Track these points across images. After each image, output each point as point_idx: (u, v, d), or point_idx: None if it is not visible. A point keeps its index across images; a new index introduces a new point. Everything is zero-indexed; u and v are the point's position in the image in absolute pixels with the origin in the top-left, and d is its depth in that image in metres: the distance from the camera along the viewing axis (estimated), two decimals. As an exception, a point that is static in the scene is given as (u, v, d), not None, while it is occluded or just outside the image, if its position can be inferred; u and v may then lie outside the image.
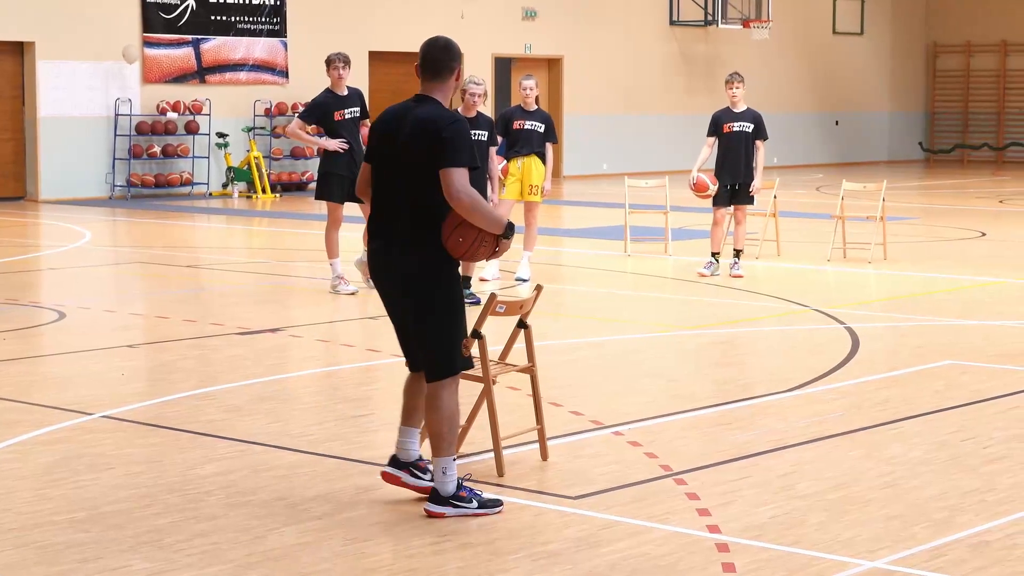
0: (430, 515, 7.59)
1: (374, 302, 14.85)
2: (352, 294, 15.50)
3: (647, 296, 16.30)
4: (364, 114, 16.02)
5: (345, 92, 15.94)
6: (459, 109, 14.16)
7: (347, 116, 15.72)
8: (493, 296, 8.59)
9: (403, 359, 8.18)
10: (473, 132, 13.95)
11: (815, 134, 41.69)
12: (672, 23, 37.65)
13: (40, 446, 9.24)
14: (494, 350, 8.69)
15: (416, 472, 7.99)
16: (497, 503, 7.70)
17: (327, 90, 16.00)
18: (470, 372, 8.53)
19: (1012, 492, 8.22)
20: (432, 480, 7.76)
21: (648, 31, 37.20)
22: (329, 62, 15.95)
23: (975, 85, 44.20)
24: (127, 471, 8.68)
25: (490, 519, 7.62)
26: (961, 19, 43.92)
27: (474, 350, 8.44)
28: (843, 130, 42.45)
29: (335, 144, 15.55)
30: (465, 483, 7.75)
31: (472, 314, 8.37)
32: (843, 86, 42.46)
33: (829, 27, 41.88)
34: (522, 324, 8.81)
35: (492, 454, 8.46)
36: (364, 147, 16.02)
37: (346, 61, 15.95)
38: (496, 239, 7.69)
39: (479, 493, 7.72)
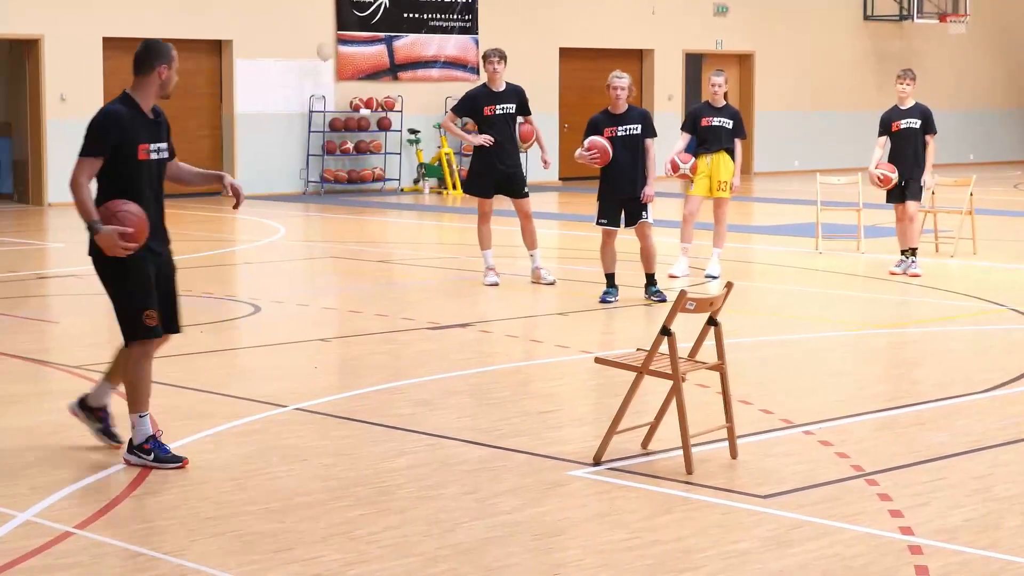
0: (126, 462, 8.49)
1: (567, 297, 14.98)
2: (493, 285, 15.72)
3: (838, 294, 16.15)
4: (523, 111, 16.11)
5: (501, 88, 16.01)
6: (607, 108, 14.59)
7: (498, 112, 15.78)
8: (683, 293, 8.58)
9: (591, 355, 8.19)
10: (624, 127, 14.21)
11: (1014, 130, 40.97)
12: (866, 18, 37.26)
13: (235, 437, 9.40)
14: (684, 347, 8.67)
15: (92, 416, 8.95)
16: (176, 459, 8.49)
17: (483, 84, 16.18)
18: (659, 369, 8.53)
19: None
20: (103, 427, 8.87)
21: (841, 26, 36.84)
22: (485, 57, 16.11)
23: None
24: (319, 463, 8.79)
25: (681, 517, 7.60)
26: None
27: (664, 347, 8.45)
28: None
29: (480, 139, 15.65)
30: (152, 438, 8.53)
31: (661, 312, 8.35)
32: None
33: (1029, 22, 41.20)
34: (712, 321, 8.80)
35: (681, 451, 8.44)
36: (521, 143, 16.29)
37: (501, 56, 16.00)
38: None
39: (164, 450, 8.51)
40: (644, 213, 14.62)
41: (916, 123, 17.25)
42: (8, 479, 8.33)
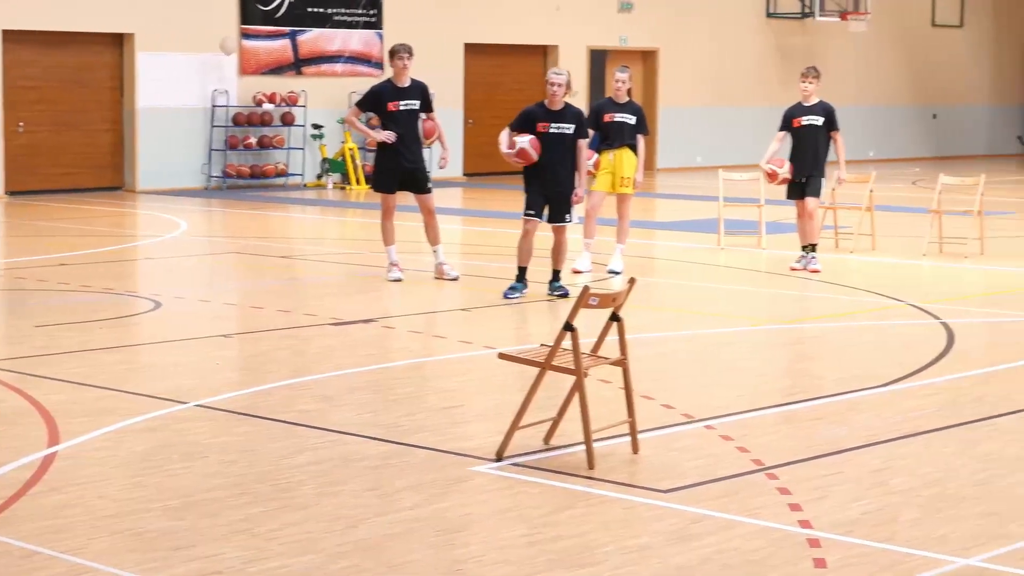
0: None
1: (471, 293, 14.97)
2: (396, 280, 15.67)
3: (740, 290, 16.25)
4: (426, 108, 16.03)
5: (407, 84, 15.93)
6: (544, 101, 14.32)
7: (402, 108, 15.71)
8: (586, 289, 8.61)
9: (494, 351, 8.19)
10: (557, 125, 13.94)
11: (912, 128, 41.38)
12: (769, 15, 37.49)
13: (135, 434, 9.33)
14: (587, 343, 8.70)
15: None
16: None
17: (387, 80, 16.11)
18: (562, 364, 8.56)
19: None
20: None
21: (744, 23, 37.06)
22: (393, 53, 15.99)
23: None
24: (220, 460, 8.75)
25: (582, 512, 7.63)
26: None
27: (567, 343, 8.49)
28: (941, 124, 42.13)
29: (383, 136, 15.63)
30: None
31: (565, 307, 8.38)
32: (942, 79, 42.11)
33: (928, 19, 41.54)
34: (615, 317, 8.83)
35: (583, 446, 8.47)
36: (423, 140, 16.15)
37: (410, 52, 15.95)
38: None
39: None
40: (568, 216, 14.62)
41: (818, 120, 17.38)
42: (-97, 477, 8.24)
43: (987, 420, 9.83)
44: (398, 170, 15.64)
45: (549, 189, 14.48)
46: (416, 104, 15.81)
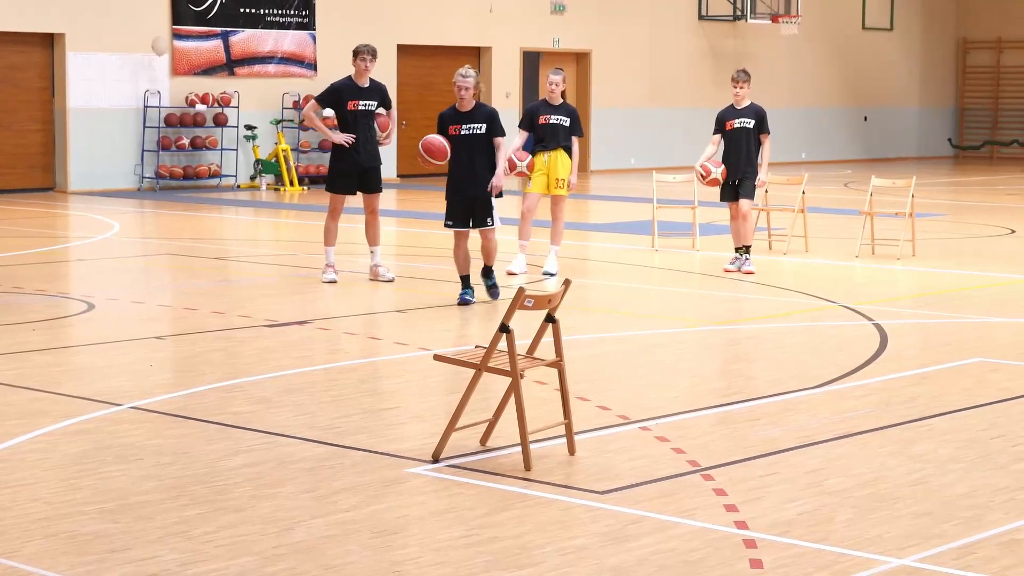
0: None
1: (406, 294, 14.96)
2: (331, 282, 15.64)
3: (674, 291, 16.32)
4: (386, 105, 16.10)
5: (366, 84, 15.95)
6: (455, 104, 14.14)
7: (361, 107, 15.68)
8: (521, 291, 8.60)
9: (430, 352, 8.17)
10: (469, 125, 13.85)
11: (843, 130, 41.67)
12: (701, 18, 37.68)
13: (68, 436, 9.28)
14: (522, 344, 8.71)
15: None
16: None
17: (348, 77, 16.02)
18: (498, 366, 8.56)
19: (1041, 490, 8.22)
20: None
21: (677, 25, 37.22)
22: (356, 52, 15.94)
23: (1005, 81, 44.12)
24: (155, 462, 8.71)
25: (519, 513, 7.63)
26: (992, 15, 43.83)
27: (502, 344, 8.50)
28: (872, 126, 42.43)
29: (340, 138, 15.61)
30: None
31: (500, 309, 8.37)
32: (872, 82, 42.41)
33: (859, 22, 41.83)
34: (550, 318, 8.84)
35: (520, 448, 8.48)
36: (380, 139, 16.04)
37: (373, 54, 15.94)
38: None
39: None
40: (489, 219, 14.39)
41: (750, 123, 17.47)
42: None
43: (920, 421, 9.90)
44: (355, 171, 15.61)
45: (467, 192, 14.32)
46: (374, 104, 15.80)
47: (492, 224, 14.38)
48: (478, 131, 14.07)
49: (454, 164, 14.24)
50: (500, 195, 14.49)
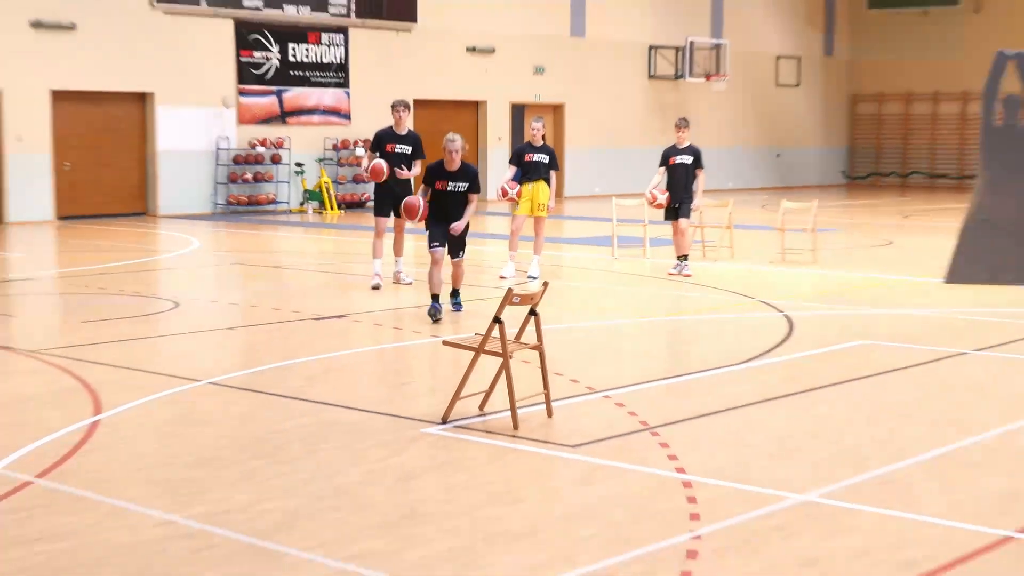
0: None
1: (421, 295, 14.95)
2: (376, 287, 15.49)
3: (630, 290, 16.32)
4: (418, 154, 15.63)
5: (404, 132, 15.62)
6: (443, 161, 13.02)
7: (397, 150, 15.46)
8: (510, 290, 8.66)
9: (439, 339, 8.17)
10: (455, 183, 12.92)
11: (761, 164, 41.63)
12: (650, 77, 37.58)
13: (161, 405, 9.32)
14: (511, 332, 8.75)
15: None
16: None
17: (389, 127, 15.83)
18: (492, 349, 8.61)
19: (912, 442, 8.27)
20: None
21: (632, 84, 37.14)
22: (393, 107, 15.70)
23: (885, 127, 44.15)
24: (228, 425, 8.76)
25: (510, 462, 7.68)
26: (875, 74, 43.87)
27: (495, 332, 8.54)
28: (783, 161, 42.39)
29: (407, 174, 15.34)
30: None
31: (491, 307, 8.38)
32: (783, 127, 42.41)
33: (773, 80, 41.79)
34: (532, 312, 8.88)
35: (509, 412, 8.52)
36: (412, 181, 15.70)
37: (406, 106, 15.63)
38: None
39: None
40: (461, 252, 13.37)
41: (688, 159, 17.50)
42: (-21, 441, 8.20)
43: (819, 389, 9.95)
44: (391, 200, 15.36)
45: (446, 235, 13.21)
46: (408, 148, 15.47)
47: (462, 256, 13.46)
48: (461, 188, 13.16)
49: (435, 211, 13.22)
50: (460, 235, 13.29)
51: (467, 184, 13.07)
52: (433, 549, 6.15)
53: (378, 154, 15.48)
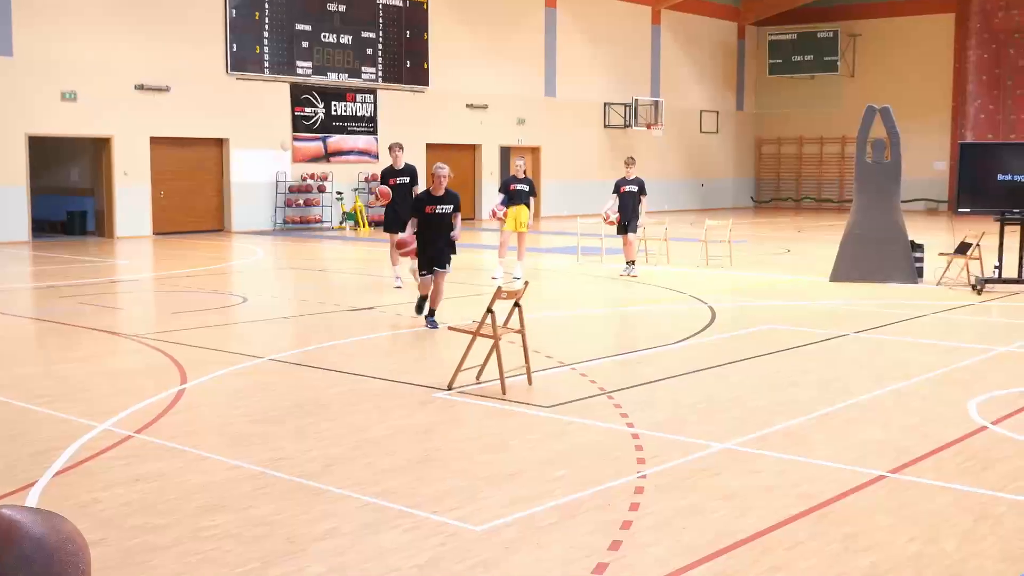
0: None
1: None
2: (398, 288, 15.27)
3: (590, 287, 16.32)
4: (414, 182, 15.39)
5: (401, 166, 15.54)
6: (429, 187, 11.76)
7: (398, 181, 15.32)
8: (499, 288, 8.67)
9: (445, 325, 8.10)
10: (442, 206, 11.61)
11: (689, 191, 41.70)
12: (605, 127, 37.63)
13: (231, 377, 9.27)
14: (500, 319, 8.71)
15: None
16: None
17: (390, 165, 15.79)
18: (486, 332, 8.57)
19: (806, 403, 8.25)
20: None
21: (591, 131, 37.17)
22: (390, 148, 15.84)
23: (783, 163, 44.24)
24: (285, 391, 8.70)
25: (500, 420, 7.63)
26: (774, 124, 43.98)
27: (488, 320, 8.48)
28: (706, 190, 42.47)
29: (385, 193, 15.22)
30: None
31: (486, 300, 8.30)
32: (706, 163, 42.48)
33: (698, 128, 41.88)
34: (516, 304, 8.86)
35: (499, 381, 8.49)
36: (409, 204, 15.43)
37: (400, 147, 15.75)
38: None
39: None
40: (447, 265, 11.77)
41: (635, 188, 17.50)
42: (91, 404, 8.14)
43: (735, 363, 9.94)
44: (396, 219, 15.12)
45: (432, 251, 11.64)
46: (407, 179, 15.33)
47: (447, 269, 11.81)
48: (447, 210, 11.64)
49: (425, 234, 11.65)
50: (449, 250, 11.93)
51: (452, 206, 11.71)
52: (442, 486, 6.10)
53: (382, 185, 15.55)
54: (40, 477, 6.26)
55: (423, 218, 11.63)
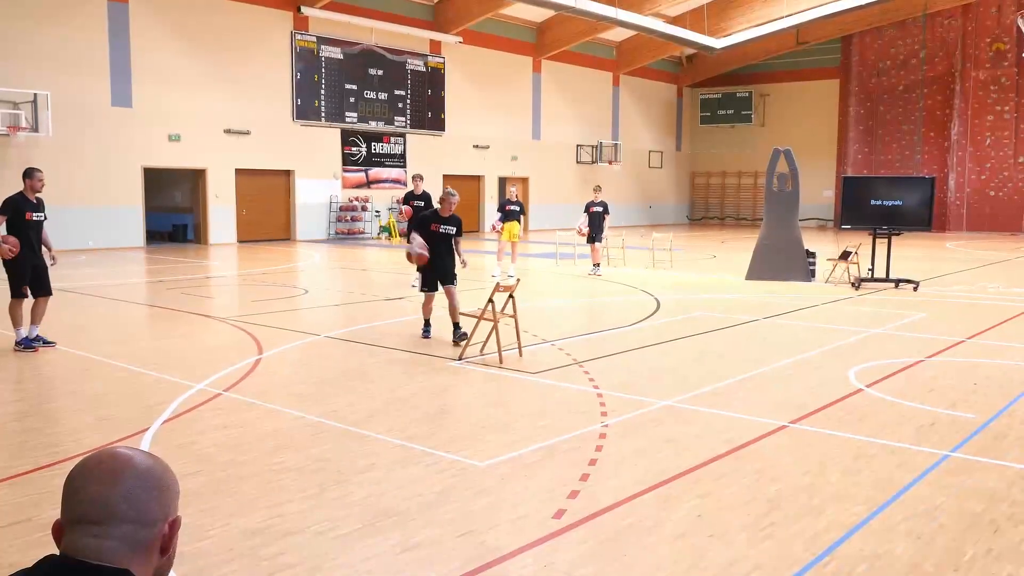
0: None
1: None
2: (415, 286, 14.71)
3: (565, 284, 16.26)
4: (428, 204, 15.05)
5: (419, 192, 15.40)
6: (438, 209, 9.94)
7: (414, 204, 15.11)
8: (497, 284, 8.63)
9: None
10: (446, 226, 9.88)
11: (640, 212, 41.61)
12: (577, 163, 37.54)
13: (296, 349, 9.21)
14: (499, 307, 8.67)
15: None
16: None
17: (411, 190, 15.66)
18: (488, 316, 8.51)
19: (728, 371, 8.21)
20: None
21: (567, 166, 37.09)
22: (412, 178, 15.78)
23: (711, 190, 44.16)
24: (335, 360, 8.65)
25: (498, 383, 7.60)
26: (704, 161, 43.91)
27: (490, 307, 8.43)
28: (653, 210, 42.40)
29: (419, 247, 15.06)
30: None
31: (486, 293, 8.23)
32: (653, 190, 42.39)
33: (647, 164, 41.80)
34: (511, 296, 8.82)
35: (497, 354, 8.45)
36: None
37: (421, 177, 15.69)
38: None
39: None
40: (454, 279, 9.95)
41: (601, 208, 17.46)
42: (190, 370, 8.10)
43: (674, 341, 9.90)
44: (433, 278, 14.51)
45: (438, 271, 9.89)
46: (423, 203, 15.07)
47: (454, 283, 9.93)
48: (451, 231, 9.87)
49: (432, 252, 9.87)
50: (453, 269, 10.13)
51: (455, 228, 9.95)
52: (454, 432, 6.07)
53: (405, 205, 15.38)
54: (151, 425, 6.24)
55: (428, 235, 9.87)
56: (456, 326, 9.69)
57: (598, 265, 17.47)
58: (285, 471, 5.24)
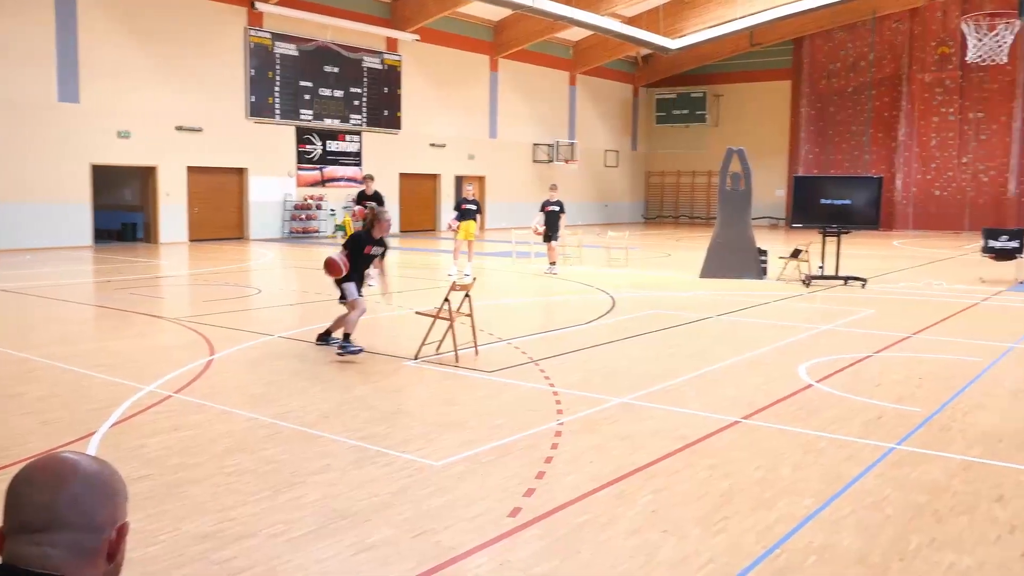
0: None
1: (405, 287, 14.68)
2: (371, 286, 14.90)
3: (522, 282, 16.29)
4: (380, 203, 15.01)
5: (372, 192, 15.41)
6: (372, 231, 9.15)
7: (367, 204, 15.14)
8: (453, 282, 8.60)
9: (413, 310, 8.00)
10: (377, 248, 9.18)
11: (596, 210, 41.80)
12: (534, 161, 37.63)
13: (249, 349, 9.09)
14: (455, 305, 8.65)
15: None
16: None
17: (362, 189, 15.65)
18: (443, 315, 8.49)
19: (681, 368, 8.27)
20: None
21: (523, 165, 37.14)
22: (363, 178, 15.78)
23: (665, 189, 44.58)
24: (290, 361, 8.55)
25: (453, 381, 7.58)
26: (660, 160, 44.31)
27: (446, 307, 8.41)
28: (609, 209, 42.66)
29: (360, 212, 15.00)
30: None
31: (443, 292, 8.22)
32: (608, 189, 42.66)
33: (603, 163, 42.06)
34: (467, 294, 8.81)
35: (453, 352, 8.43)
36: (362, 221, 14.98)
37: (371, 177, 15.75)
38: None
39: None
40: (368, 285, 10.09)
41: (557, 207, 17.53)
42: (139, 371, 7.95)
43: (630, 338, 9.97)
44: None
45: (361, 283, 9.06)
46: (376, 203, 15.16)
47: (364, 289, 9.20)
48: (379, 252, 9.21)
49: (357, 270, 9.10)
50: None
51: (383, 250, 9.25)
52: (409, 432, 6.05)
53: (358, 206, 15.29)
54: (99, 428, 6.11)
55: (360, 257, 9.10)
56: (329, 333, 9.17)
57: (554, 264, 17.53)
58: (237, 474, 5.17)
